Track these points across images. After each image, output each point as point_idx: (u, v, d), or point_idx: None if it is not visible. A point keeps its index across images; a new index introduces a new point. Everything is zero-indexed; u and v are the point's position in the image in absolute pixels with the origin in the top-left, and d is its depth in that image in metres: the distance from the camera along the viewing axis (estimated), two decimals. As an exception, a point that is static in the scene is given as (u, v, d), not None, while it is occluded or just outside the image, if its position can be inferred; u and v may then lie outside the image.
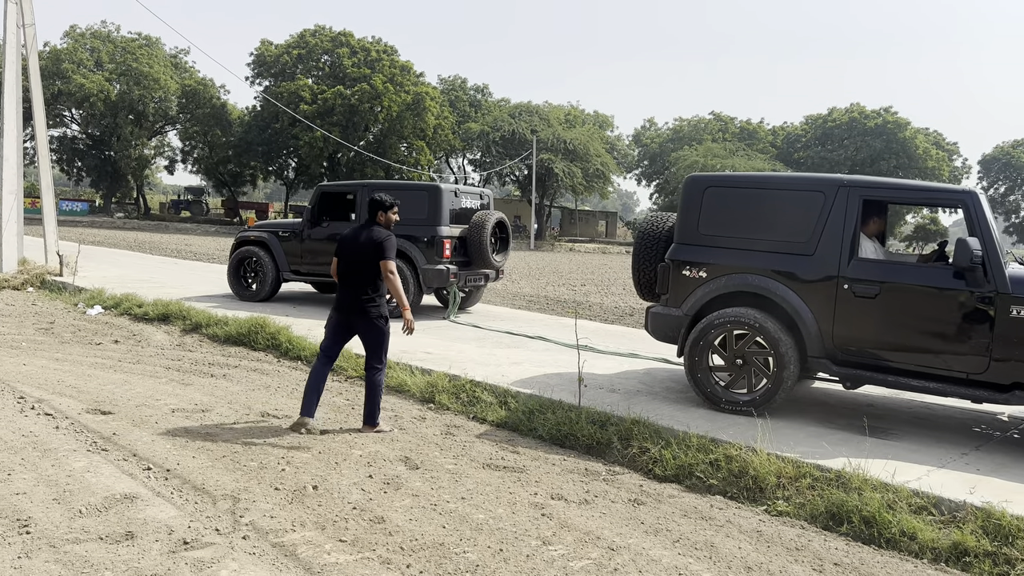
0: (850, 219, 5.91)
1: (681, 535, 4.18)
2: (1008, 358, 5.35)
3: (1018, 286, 5.37)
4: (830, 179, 6.16)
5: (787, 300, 6.01)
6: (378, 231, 5.76)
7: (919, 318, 5.65)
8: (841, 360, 5.96)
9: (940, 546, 4.05)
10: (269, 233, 12.06)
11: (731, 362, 6.31)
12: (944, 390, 5.60)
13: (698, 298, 6.39)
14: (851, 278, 5.83)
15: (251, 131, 52.86)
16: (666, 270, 6.63)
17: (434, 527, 4.08)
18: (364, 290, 5.70)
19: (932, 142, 60.68)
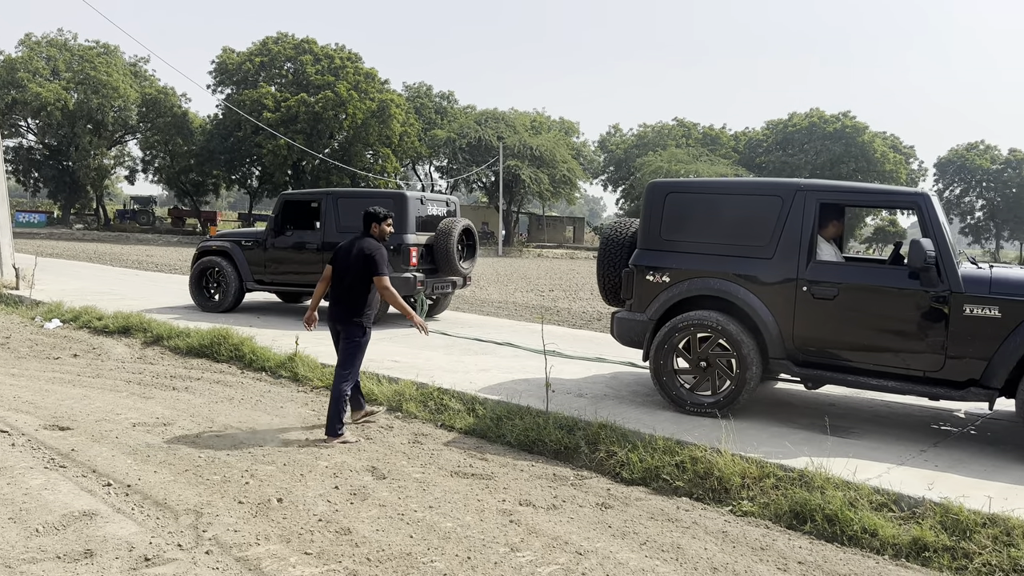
0: (807, 222, 6.00)
1: (648, 537, 4.21)
2: (963, 356, 5.47)
3: (971, 285, 5.49)
4: (787, 184, 6.25)
5: (748, 303, 6.09)
6: (369, 243, 5.86)
7: (876, 318, 5.75)
8: (802, 361, 6.06)
9: (900, 542, 4.13)
10: (232, 242, 11.91)
11: (695, 365, 6.37)
12: (902, 388, 5.71)
13: (662, 302, 6.45)
14: (810, 280, 5.93)
15: (213, 139, 52.25)
16: (630, 275, 6.68)
17: (401, 537, 4.05)
18: (351, 301, 5.82)
19: (890, 145, 62.01)
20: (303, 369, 7.64)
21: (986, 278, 5.53)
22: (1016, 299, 5.36)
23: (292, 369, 7.71)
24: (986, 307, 5.41)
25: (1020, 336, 5.27)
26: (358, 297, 5.82)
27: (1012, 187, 64.32)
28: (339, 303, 5.89)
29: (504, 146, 53.02)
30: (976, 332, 5.42)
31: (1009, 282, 5.47)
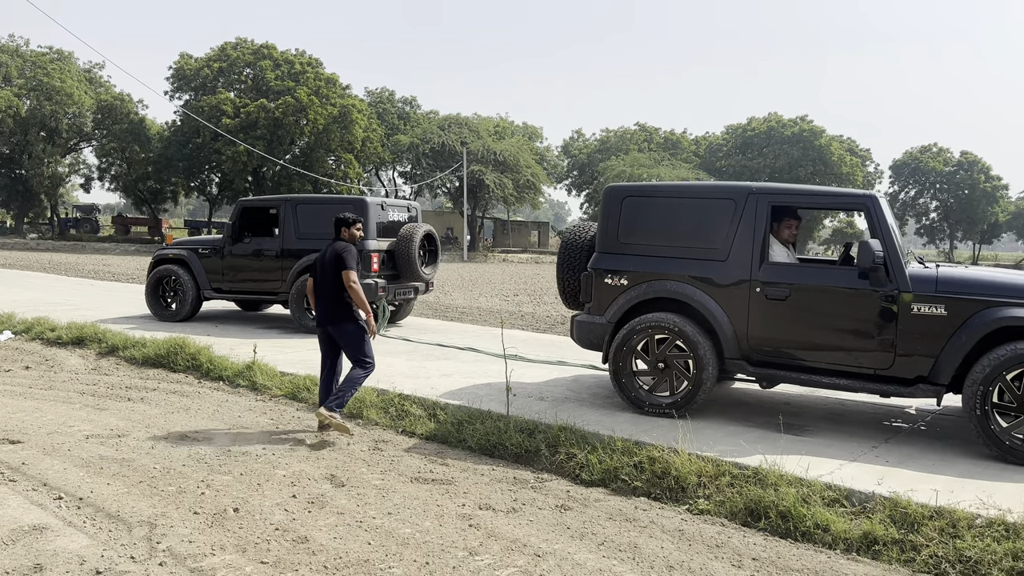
0: (760, 225, 6.11)
1: (606, 538, 4.24)
2: (911, 353, 5.60)
3: (918, 284, 5.63)
4: (740, 187, 6.35)
5: (704, 304, 6.18)
6: (340, 245, 6.19)
7: (827, 318, 5.86)
8: (756, 360, 6.16)
9: (851, 536, 4.22)
10: (188, 250, 11.74)
11: (653, 366, 6.44)
12: (853, 386, 5.83)
13: (620, 305, 6.52)
14: (763, 281, 6.04)
15: (171, 147, 51.40)
16: (589, 279, 6.74)
17: (359, 544, 4.04)
18: (334, 300, 6.12)
19: (846, 149, 63.23)
20: (261, 378, 7.56)
21: (932, 277, 5.65)
22: (961, 297, 5.49)
23: (250, 378, 7.62)
24: (933, 306, 5.54)
25: (965, 334, 5.41)
26: (339, 295, 6.10)
27: (964, 189, 65.98)
28: (323, 304, 6.18)
29: (468, 151, 53.01)
30: (924, 330, 5.56)
31: (954, 281, 5.61)
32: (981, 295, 5.47)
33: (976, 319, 5.40)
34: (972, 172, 65.74)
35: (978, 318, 5.39)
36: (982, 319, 5.38)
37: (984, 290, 5.51)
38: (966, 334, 5.41)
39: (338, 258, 6.07)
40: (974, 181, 65.26)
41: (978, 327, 5.37)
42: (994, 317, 5.33)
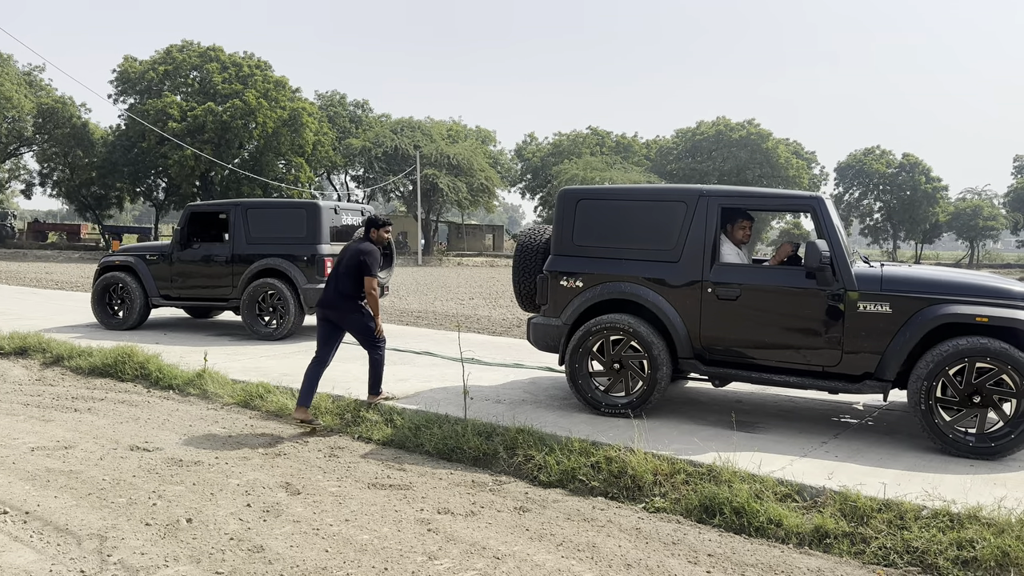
0: (710, 226, 6.20)
1: (564, 538, 4.27)
2: (858, 350, 5.74)
3: (864, 283, 5.76)
4: (691, 189, 6.44)
5: (657, 305, 6.27)
6: (366, 246, 6.55)
7: (777, 317, 5.98)
8: (709, 360, 6.26)
9: (803, 530, 4.31)
10: (136, 257, 11.47)
11: (609, 367, 6.49)
12: (803, 383, 5.97)
13: (576, 307, 6.56)
14: (714, 282, 6.14)
15: (116, 151, 50.16)
16: (544, 281, 6.78)
17: (316, 552, 3.99)
18: (340, 286, 6.48)
19: (792, 152, 64.61)
20: (212, 386, 7.42)
21: (877, 276, 5.79)
22: (905, 295, 5.63)
23: (201, 386, 7.48)
24: (878, 304, 5.68)
25: (909, 330, 5.56)
26: (346, 285, 6.46)
27: (906, 190, 67.88)
28: (331, 292, 6.52)
29: (421, 155, 52.81)
30: (869, 328, 5.69)
31: (899, 280, 5.75)
32: (924, 293, 5.62)
33: (919, 316, 5.55)
34: (913, 174, 67.71)
35: (921, 315, 5.54)
36: (925, 316, 5.52)
37: (927, 288, 5.66)
38: (910, 331, 5.55)
39: (361, 263, 6.40)
40: (915, 182, 67.22)
41: (921, 324, 5.52)
42: (937, 314, 5.48)
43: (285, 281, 10.57)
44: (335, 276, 6.52)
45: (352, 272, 6.43)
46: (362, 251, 6.45)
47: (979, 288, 5.65)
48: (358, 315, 6.49)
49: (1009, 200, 68.64)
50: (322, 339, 6.54)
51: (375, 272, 6.42)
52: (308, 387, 6.40)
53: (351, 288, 6.45)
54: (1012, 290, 5.60)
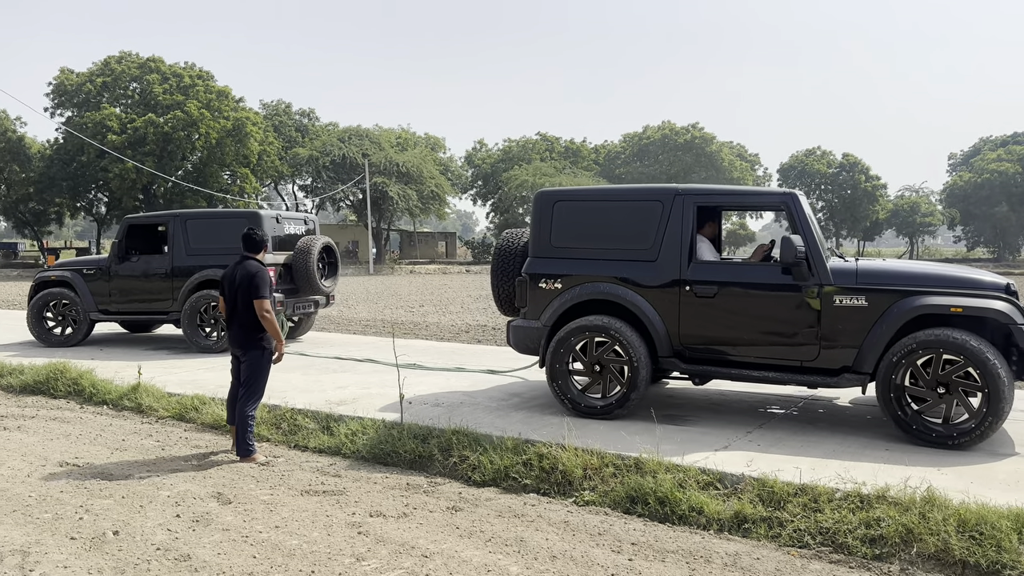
0: (687, 225, 6.23)
1: (494, 534, 4.35)
2: (835, 344, 5.77)
3: (839, 277, 5.79)
4: (667, 189, 6.44)
5: (636, 304, 6.26)
6: (251, 266, 5.97)
7: (754, 313, 6.01)
8: (689, 358, 6.27)
9: (724, 517, 4.46)
10: (72, 272, 11.25)
11: (590, 368, 6.45)
12: (781, 378, 5.97)
13: (555, 309, 6.54)
14: (691, 280, 6.15)
15: (53, 165, 48.81)
16: (523, 284, 6.76)
17: (244, 558, 4.00)
18: (247, 323, 5.90)
19: (736, 154, 65.99)
20: (147, 399, 7.34)
21: (853, 270, 5.83)
22: (880, 288, 5.68)
23: (136, 400, 7.38)
24: (854, 297, 5.71)
25: (885, 323, 5.60)
26: (253, 321, 5.88)
27: (847, 188, 69.67)
28: (236, 327, 5.97)
29: (370, 163, 52.53)
30: (846, 321, 5.72)
31: (873, 273, 5.81)
32: (899, 285, 5.68)
33: (895, 308, 5.58)
34: (853, 173, 69.52)
35: (897, 307, 5.58)
36: (901, 308, 5.56)
37: (902, 280, 5.74)
38: (886, 323, 5.59)
39: (251, 284, 5.85)
40: (855, 181, 69.03)
41: (897, 316, 5.56)
42: (912, 306, 5.53)
43: (225, 292, 10.46)
44: (234, 315, 5.95)
45: (250, 303, 5.85)
46: (251, 271, 5.91)
47: (953, 279, 5.68)
48: (259, 351, 5.93)
49: (945, 197, 70.95)
50: (236, 374, 6.15)
51: (265, 294, 5.86)
52: (234, 407, 6.04)
53: (255, 321, 5.88)
54: (985, 280, 5.67)
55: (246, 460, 5.79)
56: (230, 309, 6.00)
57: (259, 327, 5.89)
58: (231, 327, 6.01)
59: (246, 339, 5.92)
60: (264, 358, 5.96)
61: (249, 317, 5.88)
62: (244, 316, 5.89)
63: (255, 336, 5.90)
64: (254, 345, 5.91)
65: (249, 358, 5.94)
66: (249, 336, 5.91)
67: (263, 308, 5.82)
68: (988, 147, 70.01)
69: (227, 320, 6.06)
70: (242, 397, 5.92)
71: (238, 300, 5.90)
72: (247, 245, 6.10)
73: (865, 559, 3.97)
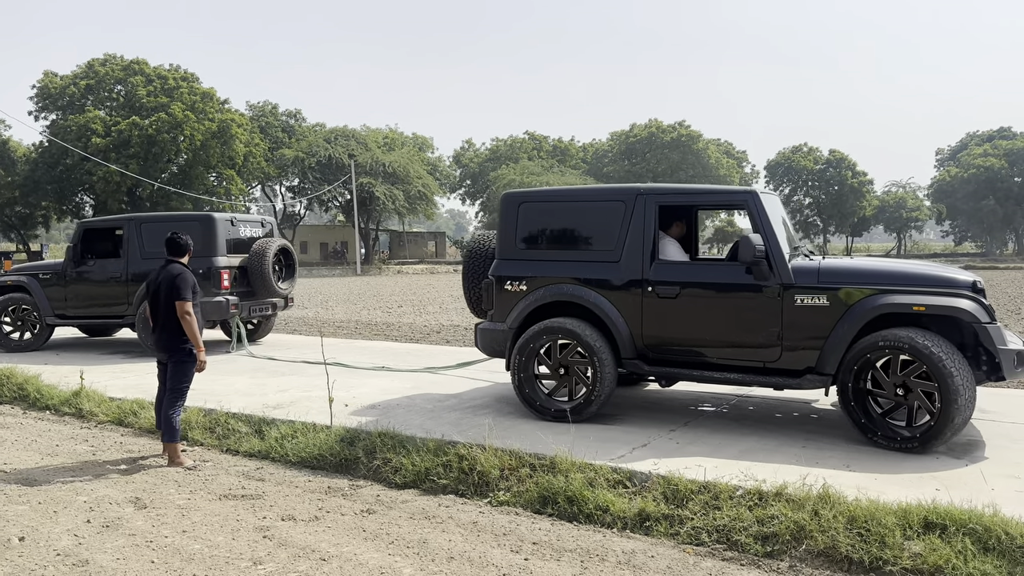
0: (649, 225, 6.15)
1: (398, 537, 4.37)
2: (797, 345, 5.63)
3: (801, 276, 5.65)
4: (628, 188, 6.39)
5: (599, 306, 6.20)
6: (174, 268, 5.98)
7: (716, 314, 5.91)
8: (652, 360, 6.18)
9: (628, 515, 4.49)
10: (29, 276, 11.26)
11: (555, 371, 6.39)
12: (744, 380, 5.88)
13: (520, 311, 6.50)
14: (653, 281, 6.07)
15: (38, 169, 48.76)
16: (490, 286, 6.73)
17: (142, 563, 4.02)
18: (172, 328, 5.91)
19: (723, 151, 66.17)
20: (88, 404, 7.35)
21: (814, 269, 5.68)
22: (842, 287, 5.52)
23: (77, 405, 7.40)
24: (815, 296, 5.55)
25: (847, 323, 5.43)
26: (176, 324, 5.90)
27: (834, 184, 69.98)
28: (161, 332, 5.98)
29: (356, 163, 52.53)
30: (807, 322, 5.58)
31: (836, 271, 5.64)
32: (862, 284, 5.50)
33: (857, 308, 5.42)
34: (840, 169, 69.81)
35: (859, 307, 5.41)
36: (863, 307, 5.40)
37: (864, 279, 5.55)
38: (847, 324, 5.42)
39: (173, 286, 5.85)
40: (842, 177, 69.31)
41: (859, 316, 5.39)
42: (873, 305, 5.37)
43: (181, 295, 10.48)
44: (159, 320, 5.95)
45: (173, 306, 5.86)
46: (173, 274, 5.90)
47: (918, 277, 5.54)
48: (184, 355, 5.92)
49: (932, 192, 71.23)
50: (162, 379, 6.15)
51: (187, 296, 5.84)
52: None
53: (178, 325, 5.88)
54: (954, 278, 5.47)
55: (174, 463, 5.81)
56: (153, 314, 6.00)
57: (183, 331, 5.89)
58: (155, 332, 6.02)
59: (170, 343, 5.92)
60: (189, 363, 5.96)
61: (173, 322, 5.88)
62: (168, 321, 5.89)
63: (179, 340, 5.90)
64: (178, 349, 5.91)
65: (173, 362, 5.95)
66: (173, 340, 5.91)
67: (183, 309, 5.82)
68: (975, 142, 70.33)
69: (152, 326, 6.06)
70: (166, 401, 5.94)
71: (161, 304, 5.90)
72: (170, 249, 6.10)
73: (757, 556, 4.01)
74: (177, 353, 5.91)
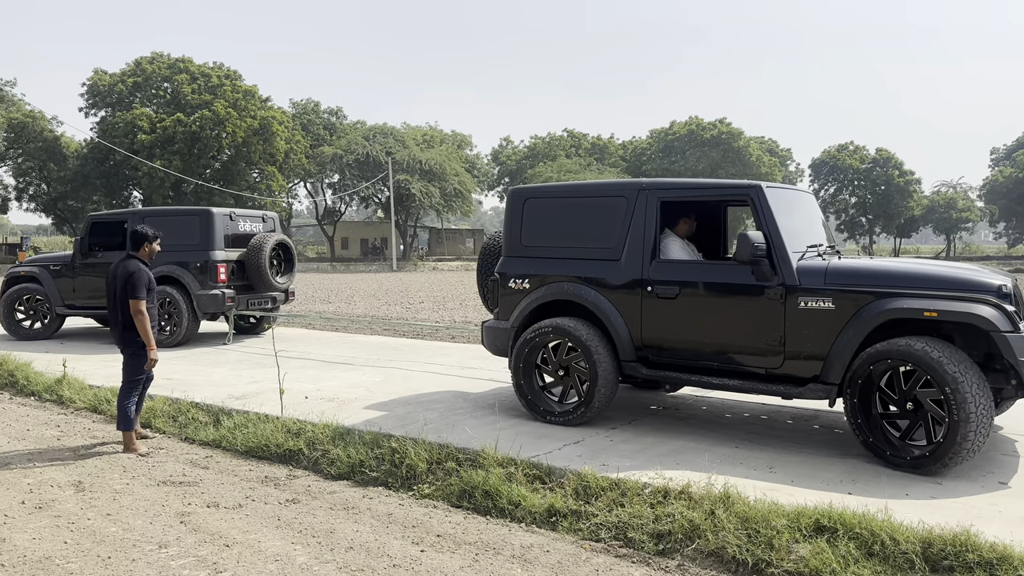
0: (650, 221, 5.91)
1: (309, 526, 4.45)
2: (800, 351, 5.22)
3: (806, 277, 5.24)
4: (631, 183, 6.18)
5: (598, 306, 6.01)
6: (129, 265, 6.03)
7: (716, 316, 5.59)
8: (652, 363, 5.94)
9: (538, 510, 4.51)
10: (40, 267, 11.73)
11: (555, 372, 6.27)
12: (745, 387, 5.50)
13: (522, 310, 6.39)
14: (653, 280, 5.83)
15: (88, 164, 50.40)
16: (495, 284, 6.69)
17: (55, 544, 4.18)
18: (124, 322, 6.02)
19: (766, 149, 65.02)
20: (68, 391, 7.62)
21: (822, 269, 5.25)
22: (848, 290, 5.09)
23: (58, 392, 7.67)
24: (820, 299, 5.14)
25: (853, 329, 5.00)
26: (131, 319, 6.02)
27: (880, 184, 68.30)
28: (115, 325, 6.12)
29: (393, 161, 53.06)
30: (812, 326, 5.17)
31: (844, 272, 5.20)
32: (871, 286, 5.05)
33: (864, 312, 4.98)
34: (887, 168, 68.11)
35: (866, 311, 4.97)
36: (870, 312, 4.95)
37: (875, 280, 5.08)
38: (853, 329, 4.99)
39: (127, 283, 5.95)
40: (889, 177, 67.62)
41: (865, 321, 4.96)
42: (881, 310, 4.91)
43: (178, 287, 10.79)
44: (115, 313, 6.06)
45: (127, 300, 5.95)
46: (129, 270, 5.97)
47: (937, 279, 4.97)
48: (139, 351, 6.05)
49: (985, 192, 69.04)
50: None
51: (141, 295, 5.92)
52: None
53: (127, 314, 5.99)
54: (976, 280, 4.90)
55: (128, 450, 5.99)
56: (110, 308, 6.14)
57: (128, 322, 6.02)
58: (112, 325, 6.18)
59: (123, 336, 6.07)
60: (142, 355, 6.07)
61: (127, 316, 6.02)
62: (122, 315, 6.04)
63: (133, 334, 6.05)
64: (132, 342, 6.07)
65: (127, 355, 6.12)
66: (126, 334, 6.06)
67: (136, 308, 5.93)
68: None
69: (110, 317, 6.21)
70: (120, 391, 6.12)
71: (117, 300, 6.05)
72: (130, 242, 6.23)
73: (648, 554, 4.00)
74: (131, 345, 6.08)
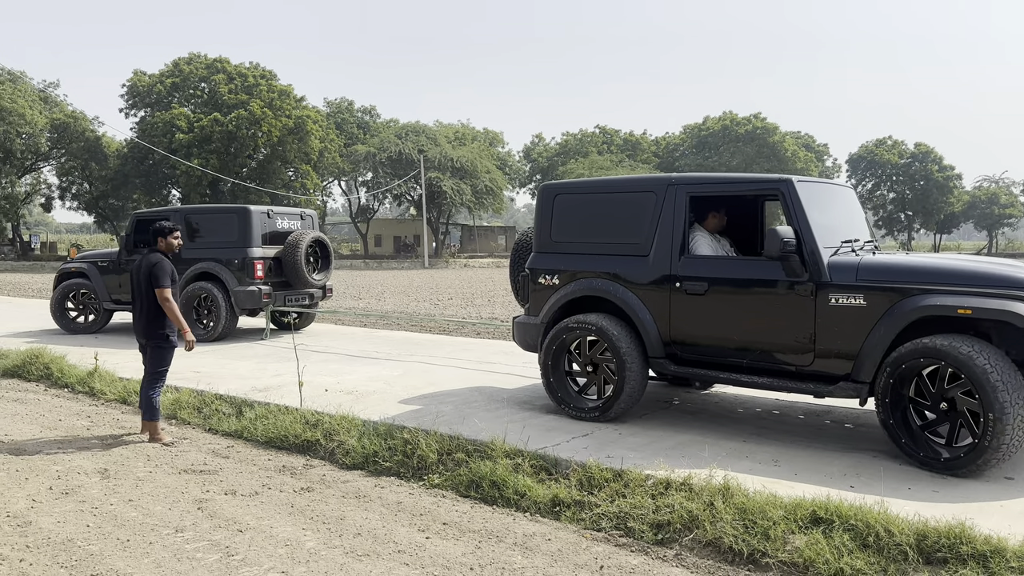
0: (679, 216, 5.87)
1: (320, 514, 4.60)
2: (831, 349, 5.15)
3: (837, 273, 5.14)
4: (660, 178, 6.15)
5: (626, 302, 5.98)
6: (152, 257, 6.29)
7: (745, 312, 5.53)
8: (681, 360, 5.90)
9: (543, 500, 4.60)
10: (89, 264, 12.16)
11: (584, 368, 6.29)
12: (775, 385, 5.45)
13: (551, 305, 6.40)
14: (682, 276, 5.79)
15: (128, 163, 51.52)
16: (525, 279, 6.73)
17: (77, 527, 4.37)
18: (150, 315, 6.25)
19: (802, 144, 64.14)
20: (99, 384, 7.88)
21: (853, 265, 5.16)
22: (881, 286, 4.99)
23: (90, 384, 7.94)
24: (851, 296, 5.05)
25: (884, 326, 4.91)
26: (155, 310, 6.24)
27: (919, 180, 67.01)
28: (139, 319, 6.33)
29: (425, 159, 53.40)
30: (842, 324, 5.09)
31: (877, 268, 5.09)
32: (904, 283, 4.94)
33: (896, 309, 4.88)
34: (926, 163, 66.80)
35: (898, 308, 4.87)
36: (902, 309, 4.85)
37: (908, 277, 4.97)
38: (884, 327, 4.90)
39: (151, 274, 6.18)
40: (928, 172, 66.31)
41: (897, 318, 4.86)
42: (914, 307, 4.80)
43: (216, 283, 11.07)
44: (138, 305, 6.28)
45: (152, 293, 6.17)
46: (151, 262, 6.20)
47: (971, 275, 4.85)
48: (162, 340, 6.25)
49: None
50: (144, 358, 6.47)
51: (165, 283, 6.14)
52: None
53: (158, 311, 6.21)
54: (1015, 277, 4.75)
55: (154, 440, 6.20)
56: (134, 301, 6.37)
57: (161, 317, 6.25)
58: (135, 317, 6.40)
59: (148, 329, 6.28)
60: (166, 348, 6.31)
61: (151, 307, 6.24)
62: (147, 306, 6.25)
63: (157, 326, 6.26)
64: (156, 335, 6.28)
65: (152, 347, 6.32)
66: (151, 326, 6.27)
67: (162, 296, 6.15)
68: (1077, 133, 65.93)
69: (133, 311, 6.44)
70: (146, 383, 6.32)
71: (141, 292, 6.27)
72: (152, 237, 6.46)
73: (648, 543, 4.06)
74: (155, 338, 6.29)
